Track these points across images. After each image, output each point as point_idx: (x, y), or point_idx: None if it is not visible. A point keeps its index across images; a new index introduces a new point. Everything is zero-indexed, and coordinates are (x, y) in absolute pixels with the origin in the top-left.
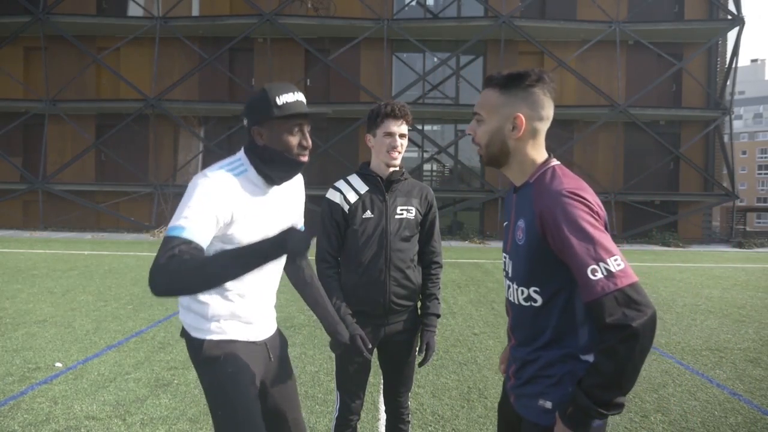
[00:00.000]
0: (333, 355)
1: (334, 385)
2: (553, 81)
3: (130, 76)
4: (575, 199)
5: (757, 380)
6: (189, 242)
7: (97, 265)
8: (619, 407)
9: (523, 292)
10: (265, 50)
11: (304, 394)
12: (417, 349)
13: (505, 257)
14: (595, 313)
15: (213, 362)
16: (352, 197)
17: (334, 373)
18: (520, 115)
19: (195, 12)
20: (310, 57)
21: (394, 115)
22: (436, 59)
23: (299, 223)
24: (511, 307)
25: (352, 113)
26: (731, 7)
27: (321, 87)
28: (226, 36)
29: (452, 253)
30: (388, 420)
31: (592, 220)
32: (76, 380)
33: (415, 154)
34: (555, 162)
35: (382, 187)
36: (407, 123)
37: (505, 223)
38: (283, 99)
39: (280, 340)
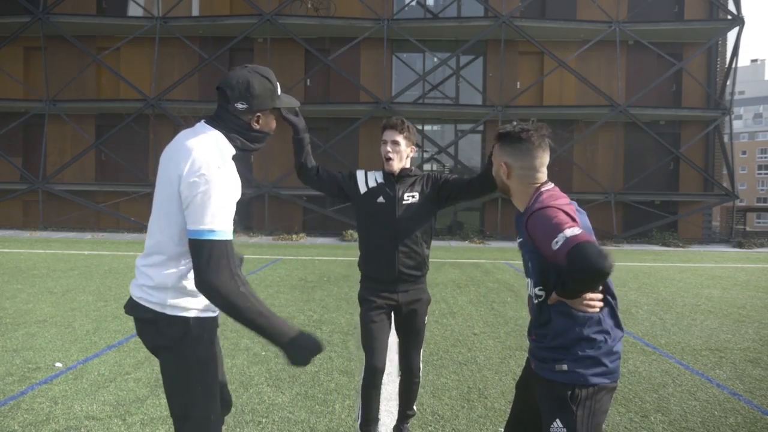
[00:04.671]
0: (332, 355)
1: (333, 385)
2: (546, 133)
3: (130, 76)
4: (547, 208)
5: (757, 380)
6: (231, 244)
7: (97, 265)
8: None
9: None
10: (265, 50)
11: (304, 394)
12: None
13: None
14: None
15: (199, 340)
16: (371, 182)
17: (333, 373)
18: (503, 164)
19: (195, 12)
20: (310, 57)
21: (384, 125)
22: (436, 59)
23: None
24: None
25: (352, 113)
26: (731, 7)
27: (321, 87)
28: (226, 36)
29: (452, 253)
30: (401, 379)
31: (561, 214)
32: (76, 380)
33: (415, 154)
34: (545, 188)
35: (393, 181)
36: (396, 130)
37: (519, 240)
38: (279, 88)
39: None
